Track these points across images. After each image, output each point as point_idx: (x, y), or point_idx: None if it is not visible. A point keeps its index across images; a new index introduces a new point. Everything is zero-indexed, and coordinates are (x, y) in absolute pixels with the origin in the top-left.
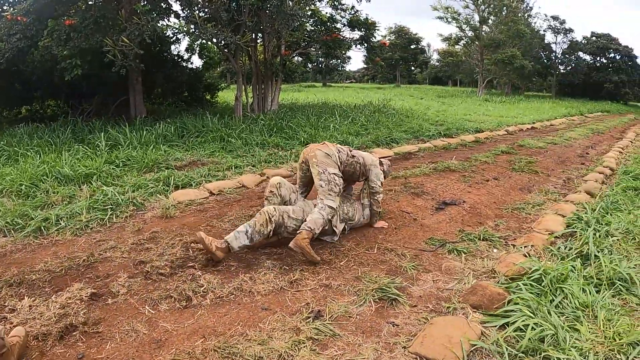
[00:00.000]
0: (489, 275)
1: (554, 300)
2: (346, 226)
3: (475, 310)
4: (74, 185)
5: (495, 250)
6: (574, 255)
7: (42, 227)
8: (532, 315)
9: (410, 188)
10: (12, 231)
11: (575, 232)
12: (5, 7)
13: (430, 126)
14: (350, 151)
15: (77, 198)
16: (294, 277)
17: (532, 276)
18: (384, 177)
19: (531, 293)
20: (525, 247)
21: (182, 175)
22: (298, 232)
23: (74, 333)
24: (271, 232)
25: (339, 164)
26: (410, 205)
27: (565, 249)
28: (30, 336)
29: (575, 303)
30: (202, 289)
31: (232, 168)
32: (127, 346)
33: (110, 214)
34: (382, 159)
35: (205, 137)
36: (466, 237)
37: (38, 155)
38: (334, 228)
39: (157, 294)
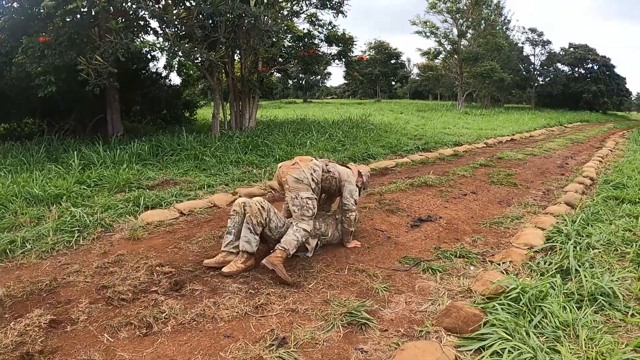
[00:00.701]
0: (465, 294)
1: (532, 320)
2: (319, 242)
3: (449, 333)
4: (44, 206)
5: (472, 268)
6: (554, 271)
7: (8, 250)
8: (509, 337)
9: (385, 205)
10: None
11: (555, 245)
12: None
13: (409, 140)
14: (327, 165)
15: (45, 219)
16: (259, 301)
17: (509, 295)
18: (364, 189)
19: (508, 313)
20: (503, 263)
21: (152, 195)
22: (272, 250)
23: None
24: (267, 220)
25: (312, 185)
26: (385, 223)
27: (545, 264)
28: None
29: (555, 322)
30: (163, 315)
31: (204, 187)
32: None
33: (77, 236)
34: (361, 170)
35: (180, 156)
36: (442, 254)
37: (10, 175)
38: (306, 245)
39: (117, 320)
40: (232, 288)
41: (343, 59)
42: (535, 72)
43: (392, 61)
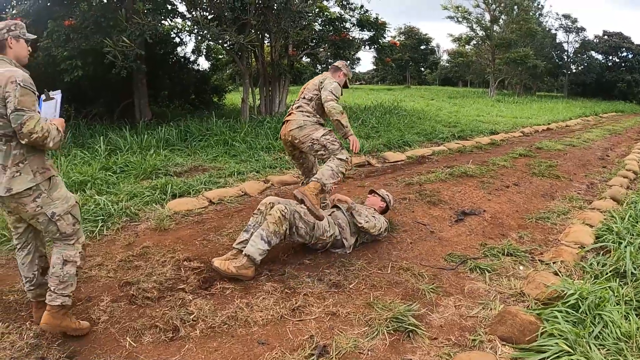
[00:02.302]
0: (517, 298)
1: (593, 330)
2: (359, 238)
3: (504, 343)
4: None
5: (521, 268)
6: (610, 274)
7: None
8: (570, 349)
9: (426, 196)
10: None
11: (607, 245)
12: (7, 10)
13: (444, 128)
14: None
15: None
16: (296, 303)
17: (567, 301)
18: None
19: (568, 322)
20: (554, 263)
21: (180, 182)
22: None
23: None
24: (287, 232)
25: (314, 115)
26: (427, 216)
27: (598, 265)
28: None
29: (616, 333)
30: (191, 317)
31: (234, 174)
32: None
33: (101, 226)
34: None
35: (209, 141)
36: (489, 252)
37: None
38: (344, 240)
39: (141, 322)
40: (266, 287)
41: (375, 45)
42: (569, 60)
43: (422, 47)
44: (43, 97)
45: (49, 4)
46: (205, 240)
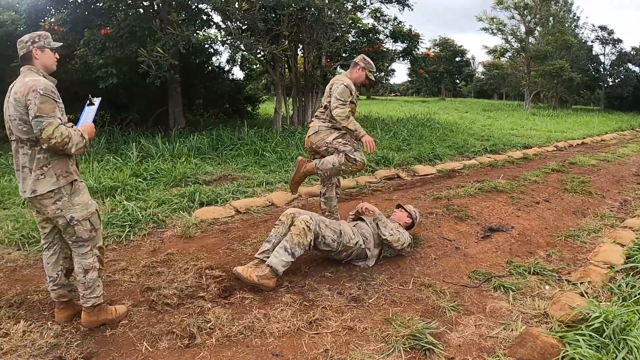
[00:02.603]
0: (541, 319)
1: (616, 356)
2: (382, 251)
3: None
4: (97, 199)
5: (547, 287)
6: (638, 296)
7: None
8: None
9: (454, 211)
10: (27, 245)
11: (637, 266)
12: (46, 18)
13: (476, 141)
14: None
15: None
16: (314, 316)
17: (591, 324)
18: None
19: (590, 347)
20: (581, 283)
21: (209, 190)
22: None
23: None
24: (312, 243)
25: (329, 121)
26: (453, 231)
27: (627, 286)
28: None
29: None
30: (209, 325)
31: (263, 184)
32: None
33: (128, 231)
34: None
35: (240, 150)
36: (514, 270)
37: None
38: (367, 250)
39: (159, 327)
40: (285, 299)
41: (408, 56)
42: (605, 73)
43: (457, 59)
44: (87, 102)
45: (86, 13)
46: (229, 249)
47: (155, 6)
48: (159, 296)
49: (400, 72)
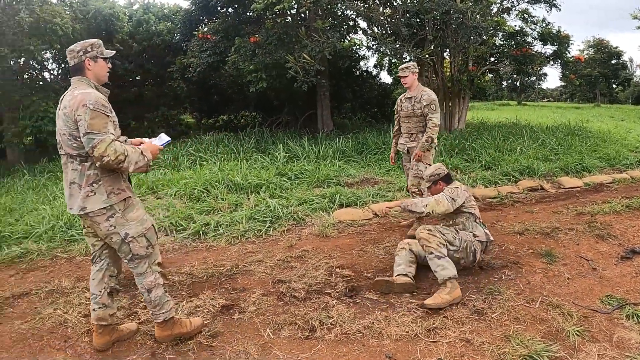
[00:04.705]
0: None
1: None
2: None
3: None
4: (243, 194)
5: None
6: None
7: (201, 232)
8: None
9: (595, 228)
10: (175, 231)
11: None
12: (199, 27)
13: (629, 153)
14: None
15: (242, 207)
16: (433, 324)
17: None
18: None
19: None
20: None
21: (349, 193)
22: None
23: (189, 342)
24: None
25: None
26: (592, 251)
27: None
28: (147, 335)
29: None
30: (330, 320)
31: (403, 189)
32: None
33: (268, 227)
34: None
35: (384, 154)
36: None
37: (218, 163)
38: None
39: (283, 318)
40: (409, 305)
41: (558, 60)
42: None
43: (613, 61)
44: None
45: (236, 22)
46: (362, 250)
47: (302, 14)
48: (288, 289)
49: (553, 76)
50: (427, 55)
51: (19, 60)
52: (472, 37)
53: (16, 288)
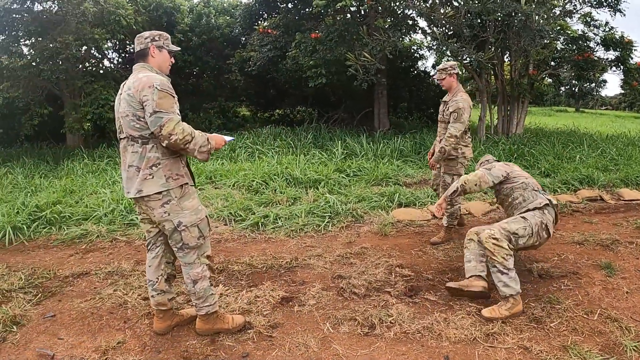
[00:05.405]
0: None
1: None
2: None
3: None
4: (301, 189)
5: None
6: None
7: (260, 223)
8: None
9: None
10: (233, 222)
11: None
12: (260, 22)
13: None
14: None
15: (300, 201)
16: (492, 329)
17: None
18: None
19: None
20: None
21: (408, 193)
22: None
23: (249, 331)
24: (510, 245)
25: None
26: None
27: None
28: None
29: None
30: (390, 319)
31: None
32: (292, 359)
33: (327, 222)
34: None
35: None
36: None
37: (277, 156)
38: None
39: (343, 313)
40: (468, 308)
41: (620, 66)
42: None
43: None
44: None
45: (296, 18)
46: (421, 251)
47: (362, 12)
48: (348, 284)
49: (612, 83)
50: (487, 59)
51: (81, 49)
52: (534, 40)
53: (76, 267)
